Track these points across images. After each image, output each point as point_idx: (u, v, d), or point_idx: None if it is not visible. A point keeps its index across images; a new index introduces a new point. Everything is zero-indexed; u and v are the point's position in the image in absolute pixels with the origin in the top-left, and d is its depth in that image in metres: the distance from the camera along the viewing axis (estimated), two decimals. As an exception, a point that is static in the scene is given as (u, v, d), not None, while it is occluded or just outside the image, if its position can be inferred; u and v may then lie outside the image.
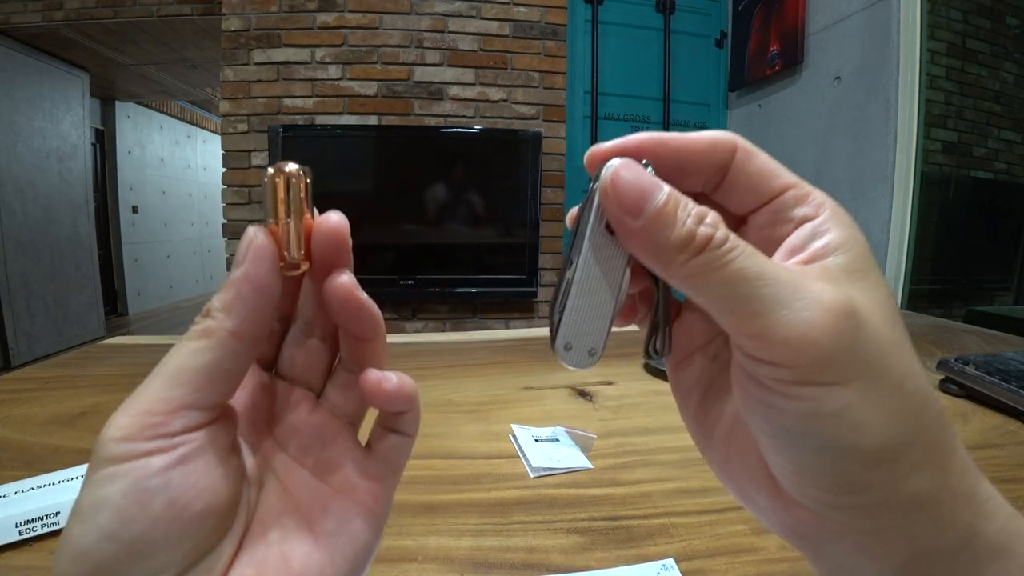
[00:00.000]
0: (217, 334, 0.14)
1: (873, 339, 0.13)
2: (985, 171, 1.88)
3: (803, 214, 0.15)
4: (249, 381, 0.18)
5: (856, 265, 0.14)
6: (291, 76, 2.18)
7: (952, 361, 0.63)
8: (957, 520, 0.13)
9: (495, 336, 0.94)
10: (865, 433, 0.12)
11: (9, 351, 3.04)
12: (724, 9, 2.55)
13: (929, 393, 0.13)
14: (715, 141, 0.16)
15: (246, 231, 0.15)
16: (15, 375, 0.70)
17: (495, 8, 2.26)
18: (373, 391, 0.17)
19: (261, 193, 0.16)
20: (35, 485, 0.39)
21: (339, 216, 0.16)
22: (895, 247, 1.72)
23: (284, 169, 0.16)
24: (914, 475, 0.13)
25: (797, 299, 0.13)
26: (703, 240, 0.13)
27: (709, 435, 0.18)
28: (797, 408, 0.13)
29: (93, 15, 2.63)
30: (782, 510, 0.15)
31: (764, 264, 0.13)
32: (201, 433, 0.14)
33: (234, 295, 0.15)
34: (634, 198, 0.14)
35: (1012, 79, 1.86)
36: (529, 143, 2.22)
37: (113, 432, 0.13)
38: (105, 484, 0.13)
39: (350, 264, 0.17)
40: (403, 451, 0.18)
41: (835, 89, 1.92)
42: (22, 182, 3.14)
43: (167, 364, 0.14)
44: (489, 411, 0.58)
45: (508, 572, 0.33)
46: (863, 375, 0.13)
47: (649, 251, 0.14)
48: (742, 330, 0.13)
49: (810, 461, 0.13)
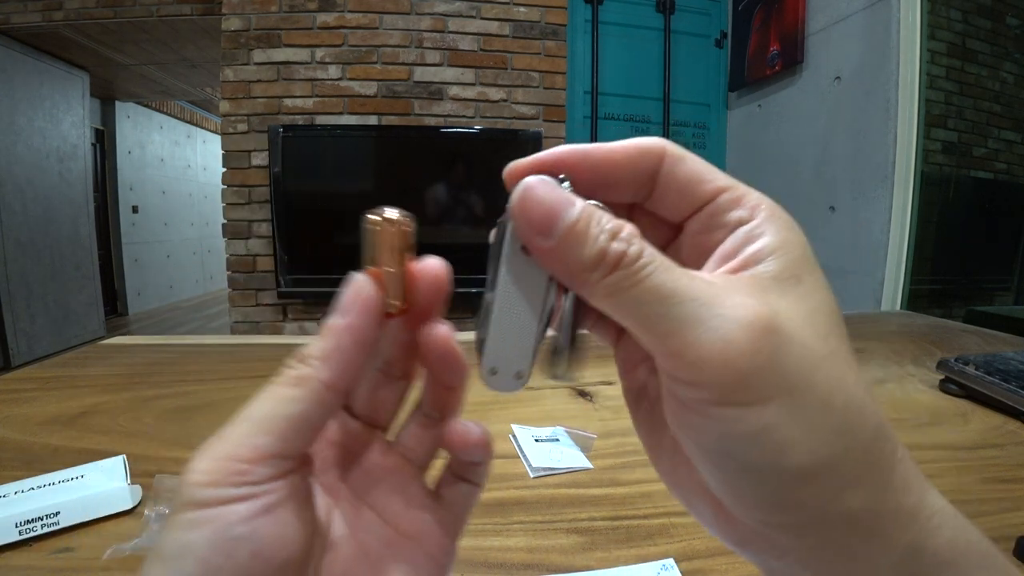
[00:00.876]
0: (311, 383, 0.14)
1: (796, 355, 0.12)
2: (985, 171, 1.88)
3: (737, 217, 0.14)
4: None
5: (789, 271, 0.13)
6: (291, 76, 2.18)
7: (952, 361, 0.63)
8: (899, 538, 0.13)
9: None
10: (789, 453, 0.12)
11: (9, 351, 3.04)
12: (724, 9, 2.55)
13: (864, 407, 0.13)
14: (640, 149, 0.15)
15: (353, 279, 0.15)
16: (15, 375, 0.70)
17: (495, 8, 2.26)
18: (460, 441, 0.17)
19: (363, 239, 0.15)
20: (35, 485, 0.39)
21: (440, 263, 0.16)
22: (895, 247, 1.72)
23: (389, 217, 0.15)
24: (846, 493, 0.12)
25: (712, 316, 0.12)
26: (615, 257, 0.13)
27: (656, 446, 0.17)
28: (718, 428, 0.12)
29: (93, 15, 2.63)
30: (726, 524, 0.15)
31: (679, 280, 0.13)
32: (285, 482, 0.14)
33: (334, 345, 0.14)
34: (544, 216, 0.13)
35: (1012, 79, 1.86)
36: (529, 143, 2.22)
37: (199, 476, 0.13)
38: (190, 529, 0.12)
39: (444, 309, 0.17)
40: (471, 500, 0.18)
41: (835, 89, 1.92)
42: (22, 182, 3.14)
43: (255, 409, 0.14)
44: (489, 411, 0.58)
45: (508, 572, 0.33)
46: (785, 393, 0.12)
47: (562, 270, 0.14)
48: (659, 349, 0.13)
49: (737, 480, 0.13)
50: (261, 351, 0.82)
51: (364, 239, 0.15)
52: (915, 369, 0.72)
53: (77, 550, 0.35)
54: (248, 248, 2.23)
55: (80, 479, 0.40)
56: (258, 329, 2.26)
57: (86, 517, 0.37)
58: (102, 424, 0.54)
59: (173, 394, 0.62)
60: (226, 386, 0.66)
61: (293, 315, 2.29)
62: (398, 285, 0.15)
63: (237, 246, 2.23)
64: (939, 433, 0.53)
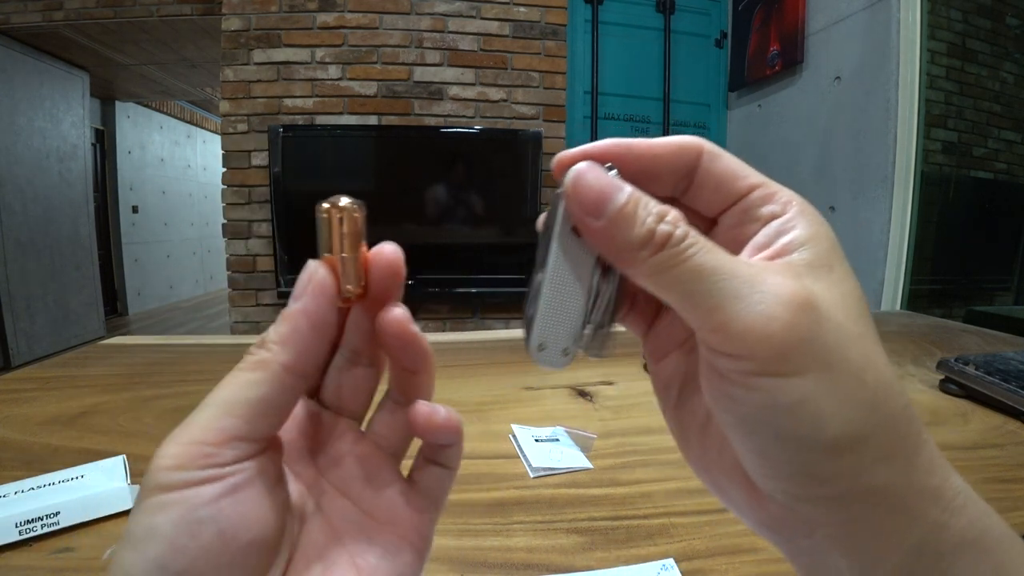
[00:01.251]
0: (271, 367, 0.15)
1: (832, 331, 0.13)
2: (985, 171, 1.88)
3: (770, 212, 0.15)
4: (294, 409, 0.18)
5: (821, 260, 0.14)
6: (291, 76, 2.18)
7: (952, 361, 0.63)
8: (924, 514, 0.13)
9: (495, 336, 0.94)
10: (823, 423, 0.13)
11: (9, 351, 3.04)
12: (724, 9, 2.55)
13: (892, 386, 0.13)
14: (680, 145, 0.16)
15: (306, 265, 0.16)
16: (15, 375, 0.70)
17: (495, 8, 2.26)
18: (424, 424, 0.17)
19: (316, 227, 0.16)
20: (35, 485, 0.39)
21: (394, 248, 0.17)
22: (895, 247, 1.72)
23: (339, 204, 0.16)
24: (876, 467, 0.13)
25: (754, 292, 0.13)
26: (662, 237, 0.14)
27: (686, 430, 0.18)
28: (756, 399, 0.13)
29: (93, 15, 2.63)
30: (755, 504, 0.15)
31: (722, 259, 0.13)
32: (251, 463, 0.14)
33: (291, 329, 0.15)
34: (595, 199, 0.14)
35: (1012, 79, 1.86)
36: (529, 143, 2.22)
37: (166, 461, 0.13)
38: (156, 512, 0.13)
39: (401, 293, 0.17)
40: (445, 484, 0.18)
41: (835, 89, 1.92)
42: (22, 182, 3.14)
43: (219, 394, 0.14)
44: (489, 411, 0.58)
45: (508, 572, 0.33)
46: (821, 366, 0.13)
47: (612, 250, 0.15)
48: (702, 324, 0.14)
49: (772, 452, 0.13)
50: (261, 351, 0.82)
51: (317, 227, 0.16)
52: (915, 369, 0.72)
53: (77, 550, 0.35)
54: (248, 248, 2.23)
55: (80, 479, 0.40)
56: (258, 329, 2.26)
57: (86, 517, 0.37)
58: (102, 424, 0.54)
59: (173, 394, 0.62)
60: (226, 386, 0.66)
61: (293, 315, 2.28)
62: (353, 271, 0.16)
63: (237, 246, 2.23)
64: (939, 433, 0.53)
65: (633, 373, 0.70)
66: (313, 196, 0.70)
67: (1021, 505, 0.40)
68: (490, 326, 2.34)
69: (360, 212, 0.16)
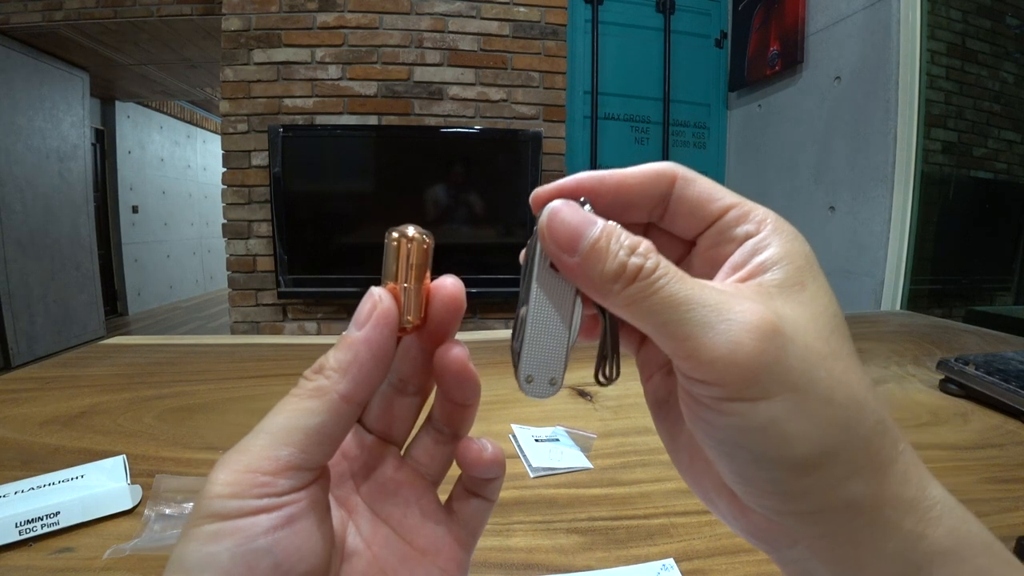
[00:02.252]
0: (329, 395, 0.14)
1: (798, 354, 0.13)
2: (985, 171, 1.88)
3: (744, 232, 0.16)
4: None
5: (793, 279, 0.14)
6: (291, 76, 2.18)
7: (952, 361, 0.63)
8: (899, 525, 0.13)
9: (495, 336, 0.94)
10: (793, 444, 0.13)
11: (9, 351, 3.04)
12: (724, 9, 2.55)
13: (864, 403, 0.14)
14: (653, 173, 0.16)
15: (370, 292, 0.16)
16: (15, 375, 0.70)
17: (495, 8, 2.26)
18: (474, 461, 0.17)
19: (383, 254, 0.16)
20: (35, 485, 0.39)
21: (455, 282, 0.17)
22: (895, 247, 1.72)
23: (408, 234, 0.16)
24: (848, 481, 0.13)
25: (721, 321, 0.13)
26: (634, 270, 0.14)
27: (675, 444, 0.18)
28: (729, 422, 0.13)
29: (93, 15, 2.63)
30: (740, 515, 0.16)
31: (691, 289, 0.14)
32: (305, 493, 0.14)
33: (352, 358, 0.15)
34: (569, 236, 0.15)
35: (1012, 79, 1.86)
36: (529, 143, 2.22)
37: (220, 488, 0.13)
38: (212, 541, 0.12)
39: (458, 326, 0.17)
40: (485, 516, 0.18)
41: (835, 89, 1.92)
42: (22, 182, 3.14)
43: (274, 421, 0.14)
44: (489, 411, 0.58)
45: (508, 572, 0.33)
46: (788, 389, 0.13)
47: (587, 284, 0.15)
48: (675, 352, 0.14)
49: (748, 471, 0.14)
50: (261, 351, 0.82)
51: (384, 254, 0.16)
52: (915, 369, 0.72)
53: (77, 550, 0.35)
54: (248, 248, 2.23)
55: (80, 479, 0.40)
56: (258, 329, 2.26)
57: (86, 517, 0.37)
58: (102, 424, 0.54)
59: (173, 394, 0.62)
60: (226, 386, 0.66)
61: (293, 315, 2.29)
62: (415, 301, 0.16)
63: (237, 246, 2.23)
64: (939, 433, 0.53)
65: (633, 373, 0.69)
66: (313, 196, 0.71)
67: (1021, 505, 0.40)
68: (490, 326, 2.34)
69: (429, 243, 0.16)
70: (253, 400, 0.61)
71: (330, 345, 0.16)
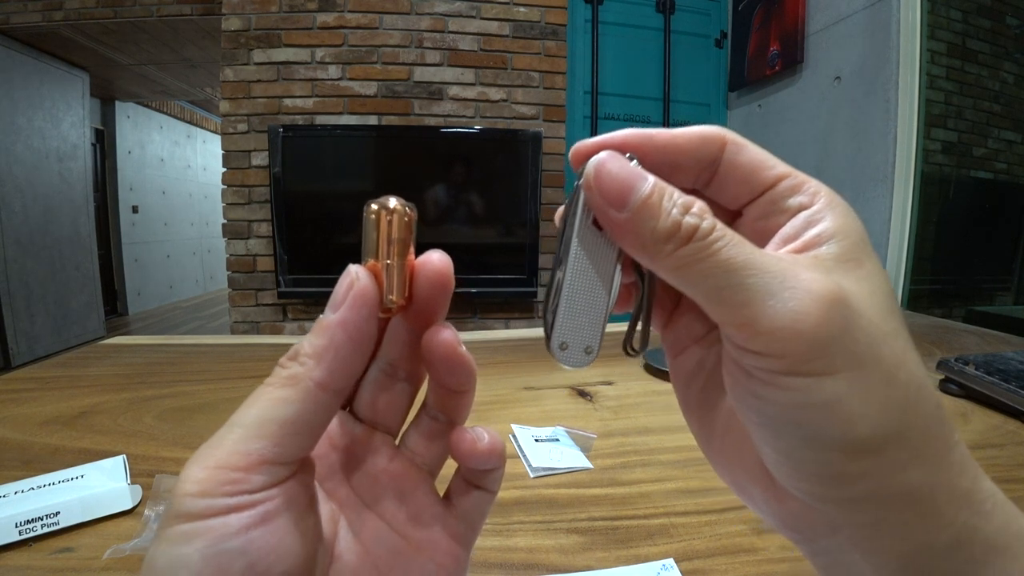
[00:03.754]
0: (303, 383, 0.14)
1: (864, 329, 0.12)
2: (985, 171, 1.88)
3: (798, 203, 0.15)
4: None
5: (850, 254, 0.14)
6: (291, 76, 2.18)
7: (952, 361, 0.63)
8: (953, 518, 0.13)
9: (495, 336, 0.94)
10: (854, 424, 0.12)
11: (9, 351, 3.04)
12: (724, 9, 2.55)
13: (925, 386, 0.13)
14: (703, 135, 0.15)
15: (347, 270, 0.14)
16: (15, 375, 0.70)
17: (495, 8, 2.26)
18: (468, 452, 0.16)
19: (363, 229, 0.15)
20: (35, 485, 0.39)
21: (442, 256, 0.16)
22: (895, 247, 1.72)
23: (389, 205, 0.15)
24: (905, 469, 0.12)
25: (785, 288, 0.12)
26: (689, 230, 0.13)
27: (707, 427, 0.17)
28: (785, 398, 0.13)
29: (93, 15, 2.62)
30: (776, 503, 0.15)
31: (752, 253, 0.13)
32: (281, 488, 0.13)
33: (327, 342, 0.14)
34: (618, 190, 0.14)
35: (1012, 79, 1.86)
36: (529, 143, 2.22)
37: (189, 487, 0.12)
38: (181, 543, 0.12)
39: (447, 306, 0.16)
40: (485, 508, 0.18)
41: (835, 89, 1.92)
42: (22, 182, 3.14)
43: (246, 413, 0.13)
44: (489, 411, 0.58)
45: (508, 572, 0.33)
46: (853, 365, 0.12)
47: (636, 243, 0.14)
48: (730, 320, 0.13)
49: (799, 452, 0.13)
50: (261, 351, 0.82)
51: (363, 229, 0.15)
52: (915, 369, 0.72)
53: (77, 550, 0.35)
54: (248, 248, 2.23)
55: (80, 479, 0.40)
56: (258, 329, 2.26)
57: (86, 517, 0.37)
58: (102, 424, 0.54)
59: (173, 394, 0.62)
60: (226, 386, 0.66)
61: (293, 315, 2.29)
62: (398, 279, 0.15)
63: (237, 246, 2.23)
64: (939, 433, 0.53)
65: (633, 373, 0.70)
66: (313, 196, 0.71)
67: (1021, 505, 0.40)
68: (490, 326, 2.34)
69: (411, 215, 0.15)
70: (253, 400, 0.61)
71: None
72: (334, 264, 2.22)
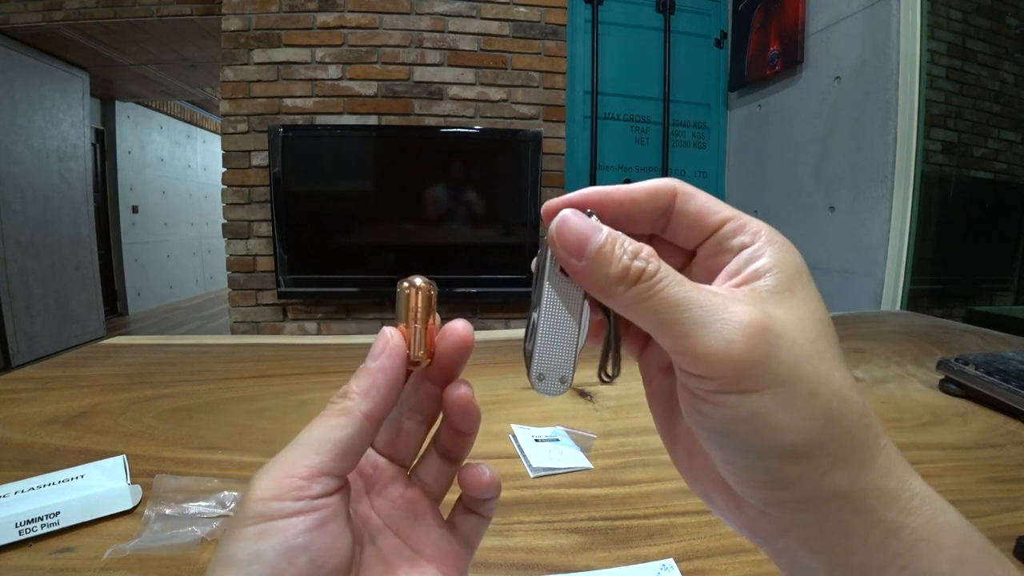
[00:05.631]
0: (354, 414, 0.17)
1: (787, 351, 0.14)
2: (985, 171, 1.88)
3: (740, 242, 0.17)
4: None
5: (784, 285, 0.16)
6: (291, 76, 2.18)
7: (952, 361, 0.63)
8: (882, 515, 0.14)
9: (495, 336, 0.94)
10: (779, 434, 0.14)
11: (9, 351, 3.04)
12: (724, 9, 2.55)
13: (849, 398, 0.15)
14: (655, 189, 0.18)
15: (383, 331, 0.19)
16: (15, 375, 0.70)
17: (495, 8, 2.26)
18: (474, 484, 0.20)
19: (396, 301, 0.19)
20: (35, 485, 0.39)
21: (464, 325, 0.19)
22: (895, 247, 1.72)
23: (416, 283, 0.19)
24: (833, 472, 0.14)
25: (716, 320, 0.14)
26: (636, 273, 0.15)
27: (676, 445, 0.20)
28: (721, 413, 0.15)
29: (93, 15, 2.62)
30: (736, 509, 0.17)
31: (690, 291, 0.15)
32: (334, 499, 0.16)
33: (371, 383, 0.18)
34: (577, 242, 0.16)
35: (1012, 79, 1.86)
36: (529, 143, 2.22)
37: (261, 492, 0.15)
38: (259, 540, 0.14)
39: (465, 365, 0.20)
40: (481, 531, 0.21)
41: (835, 89, 1.92)
42: (22, 182, 3.14)
43: (308, 435, 0.16)
44: (489, 411, 0.58)
45: (508, 572, 0.33)
46: (777, 383, 0.14)
47: (594, 286, 0.16)
48: (674, 348, 0.15)
49: (739, 460, 0.15)
50: (261, 351, 0.82)
51: (396, 300, 0.19)
52: (915, 369, 0.72)
53: (77, 550, 0.35)
54: (248, 248, 2.23)
55: (80, 479, 0.40)
56: (258, 329, 2.26)
57: (86, 517, 0.37)
58: (102, 424, 0.54)
59: (173, 394, 0.62)
60: (226, 386, 0.66)
61: (293, 315, 2.29)
62: (423, 339, 0.19)
63: (237, 246, 2.23)
64: (939, 433, 0.53)
65: (633, 373, 0.69)
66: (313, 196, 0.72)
67: (1021, 505, 0.40)
68: (490, 326, 2.34)
69: (432, 291, 0.19)
70: (253, 400, 0.61)
71: (331, 345, 0.16)
72: (334, 264, 2.23)
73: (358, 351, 0.26)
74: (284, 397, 0.62)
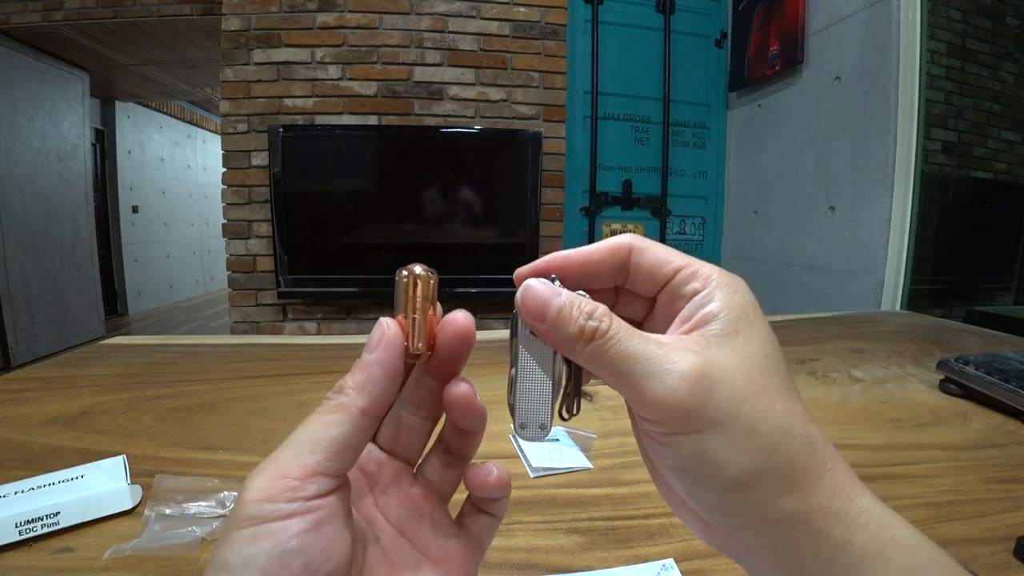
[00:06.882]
0: (349, 410, 0.17)
1: (725, 394, 0.16)
2: (985, 171, 1.88)
3: (692, 289, 0.18)
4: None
5: (730, 328, 0.17)
6: (291, 76, 2.18)
7: (952, 361, 0.63)
8: (829, 533, 0.15)
9: (495, 336, 0.94)
10: (723, 468, 0.15)
11: (9, 351, 3.04)
12: (724, 9, 2.55)
13: (790, 431, 0.16)
14: (611, 247, 0.19)
15: (379, 322, 0.18)
16: (15, 375, 0.70)
17: (495, 8, 2.26)
18: (481, 484, 0.20)
19: (394, 290, 0.19)
20: (35, 485, 0.39)
21: (465, 315, 0.19)
22: (895, 247, 1.72)
23: (415, 272, 0.18)
24: (779, 498, 0.15)
25: (661, 371, 0.16)
26: (591, 332, 0.17)
27: (654, 471, 0.20)
28: (672, 452, 0.16)
29: (93, 15, 2.62)
30: (707, 530, 0.18)
31: (637, 344, 0.17)
32: (330, 499, 0.16)
33: (366, 377, 0.17)
34: (538, 308, 0.18)
35: (1012, 79, 1.86)
36: (529, 143, 2.22)
37: (254, 494, 0.15)
38: (250, 543, 0.14)
39: (467, 359, 0.20)
40: (492, 531, 0.21)
41: (835, 89, 1.92)
42: (22, 182, 3.14)
43: (302, 433, 0.16)
44: (489, 411, 0.58)
45: (508, 572, 0.33)
46: (716, 423, 0.15)
47: (557, 344, 0.18)
48: (628, 396, 0.17)
49: (695, 490, 0.17)
50: (261, 351, 0.82)
51: (395, 290, 0.19)
52: (915, 369, 0.72)
53: (77, 550, 0.35)
54: (248, 248, 2.23)
55: (80, 479, 0.40)
56: (258, 329, 2.26)
57: (86, 517, 0.37)
58: (102, 424, 0.54)
59: (173, 394, 0.62)
60: (226, 386, 0.66)
61: (293, 315, 2.29)
62: (422, 331, 0.18)
63: (237, 246, 2.23)
64: (939, 433, 0.53)
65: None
66: (313, 196, 0.72)
67: (1021, 505, 0.40)
68: (490, 326, 2.34)
69: (432, 279, 0.19)
70: (253, 400, 0.61)
71: (331, 345, 0.16)
72: (334, 264, 2.23)
73: (358, 351, 0.27)
74: (284, 397, 0.62)
